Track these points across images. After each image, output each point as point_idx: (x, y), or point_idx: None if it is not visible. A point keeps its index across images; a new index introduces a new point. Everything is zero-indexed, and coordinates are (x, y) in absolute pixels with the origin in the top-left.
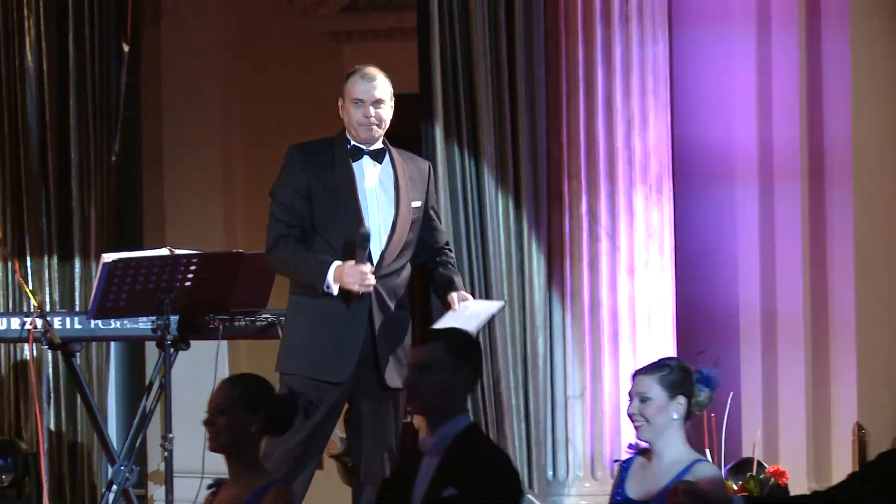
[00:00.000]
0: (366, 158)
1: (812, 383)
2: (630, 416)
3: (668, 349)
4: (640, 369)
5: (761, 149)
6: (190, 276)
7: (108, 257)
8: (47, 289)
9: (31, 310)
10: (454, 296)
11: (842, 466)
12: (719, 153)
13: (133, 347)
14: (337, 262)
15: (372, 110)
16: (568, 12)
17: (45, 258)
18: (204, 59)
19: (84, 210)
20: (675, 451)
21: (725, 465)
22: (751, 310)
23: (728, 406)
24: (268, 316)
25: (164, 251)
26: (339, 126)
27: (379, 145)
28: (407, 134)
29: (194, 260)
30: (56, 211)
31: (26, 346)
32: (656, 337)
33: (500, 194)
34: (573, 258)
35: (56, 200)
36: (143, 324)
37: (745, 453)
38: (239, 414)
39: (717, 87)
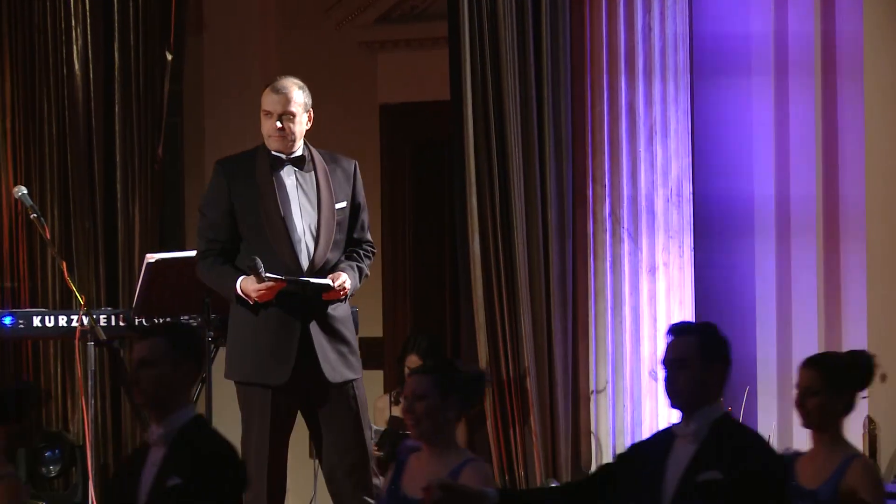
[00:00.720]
0: (287, 167)
1: None
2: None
3: None
4: (415, 369)
5: (778, 178)
6: None
7: (151, 257)
8: (93, 287)
9: (78, 308)
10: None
11: None
12: (737, 157)
13: None
14: (242, 277)
15: (279, 123)
16: (592, 23)
17: (92, 258)
18: (244, 68)
19: (129, 212)
20: (449, 450)
21: None
22: (767, 310)
23: (744, 399)
24: None
25: None
26: (366, 132)
27: (299, 152)
28: (439, 139)
29: None
30: (102, 213)
31: (73, 342)
32: None
33: (526, 197)
34: (597, 258)
35: (102, 203)
36: (185, 321)
37: None
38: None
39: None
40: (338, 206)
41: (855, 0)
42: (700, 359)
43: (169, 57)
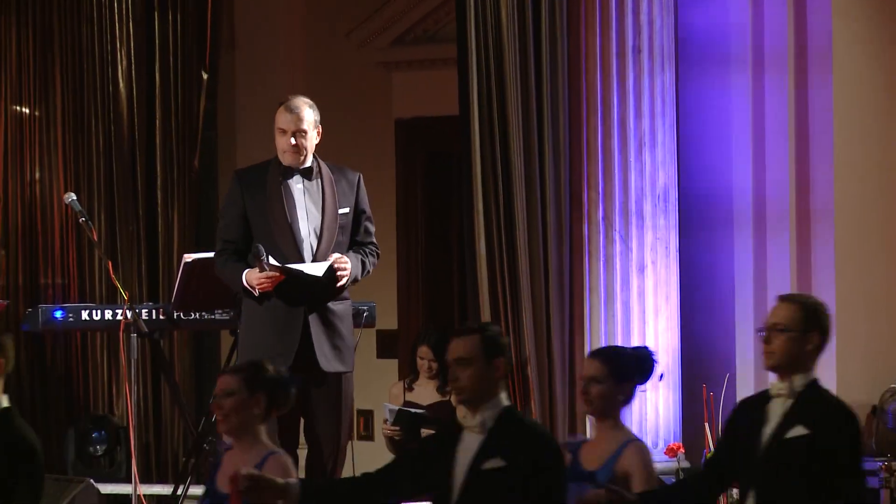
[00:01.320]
0: (296, 177)
1: None
2: None
3: (674, 339)
4: (223, 370)
5: (756, 178)
6: None
7: (188, 257)
8: (136, 284)
9: (122, 302)
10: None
11: None
12: (720, 174)
13: (210, 335)
14: (247, 270)
15: (293, 140)
16: (588, 46)
17: (135, 258)
18: (272, 86)
19: (168, 216)
20: (254, 445)
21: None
22: (745, 302)
23: (725, 384)
24: (354, 305)
25: None
26: (383, 144)
27: (308, 164)
28: (449, 150)
29: None
30: (144, 217)
31: (118, 333)
32: (662, 328)
33: (527, 202)
34: (591, 257)
35: (144, 208)
36: (218, 315)
37: None
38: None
39: (716, 114)
40: (341, 211)
41: None
42: (483, 356)
43: (204, 76)
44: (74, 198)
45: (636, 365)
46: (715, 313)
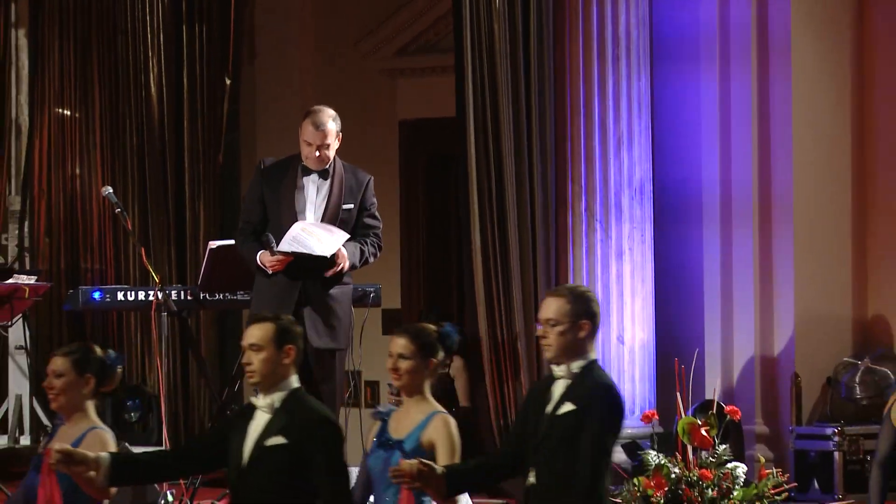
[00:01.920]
0: (313, 175)
1: (759, 340)
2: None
3: (649, 318)
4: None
5: (722, 172)
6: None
7: (213, 244)
8: (166, 268)
9: (154, 285)
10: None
11: (784, 407)
12: (691, 169)
13: (233, 314)
14: (261, 251)
15: (318, 152)
16: (572, 56)
17: (165, 245)
18: (288, 90)
19: (195, 208)
20: (80, 422)
21: (693, 406)
22: (713, 286)
23: (694, 359)
24: (361, 287)
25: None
26: (387, 143)
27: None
28: (447, 149)
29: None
30: (173, 209)
31: (150, 312)
32: (638, 308)
33: (517, 196)
34: (574, 245)
35: (173, 201)
36: (240, 296)
37: (708, 397)
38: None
39: (688, 111)
40: (345, 206)
41: None
42: (274, 344)
43: (228, 82)
44: (111, 191)
45: (439, 341)
46: (685, 296)
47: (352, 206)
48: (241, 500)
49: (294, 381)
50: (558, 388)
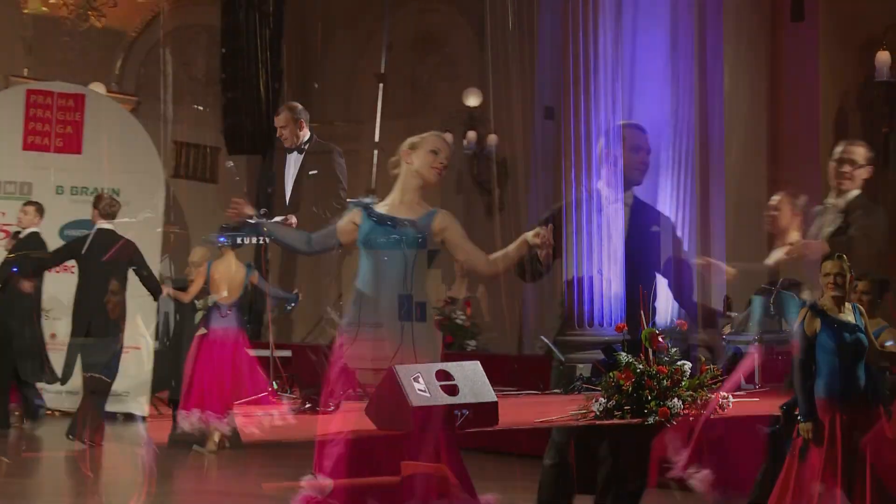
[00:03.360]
0: (294, 153)
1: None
2: None
3: (620, 256)
4: None
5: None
6: None
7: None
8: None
9: None
10: None
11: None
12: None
13: None
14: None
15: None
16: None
17: None
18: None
19: None
20: None
21: (652, 321)
22: (666, 223)
23: (654, 287)
24: None
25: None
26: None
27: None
28: None
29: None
30: None
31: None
32: (614, 248)
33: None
34: (566, 205)
35: None
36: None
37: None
38: None
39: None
40: (310, 172)
41: None
42: None
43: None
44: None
45: None
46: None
47: (316, 171)
48: None
49: None
50: None
